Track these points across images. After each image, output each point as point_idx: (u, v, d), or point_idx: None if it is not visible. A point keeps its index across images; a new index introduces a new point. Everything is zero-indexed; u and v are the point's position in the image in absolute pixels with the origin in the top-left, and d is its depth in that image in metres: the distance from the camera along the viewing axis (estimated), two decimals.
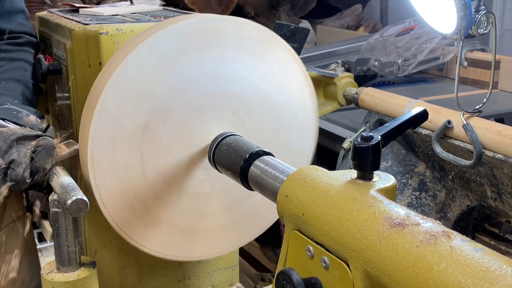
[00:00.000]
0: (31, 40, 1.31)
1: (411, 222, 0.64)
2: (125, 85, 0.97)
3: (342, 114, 1.97)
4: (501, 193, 1.32)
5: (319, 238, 0.72)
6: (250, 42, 1.07)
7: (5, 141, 0.95)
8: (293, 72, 1.14)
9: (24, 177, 0.95)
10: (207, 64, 1.04)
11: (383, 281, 0.62)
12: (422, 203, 1.51)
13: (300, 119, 1.17)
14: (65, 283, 0.97)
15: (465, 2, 1.11)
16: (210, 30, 1.03)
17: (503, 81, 2.22)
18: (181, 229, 1.11)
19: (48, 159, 0.97)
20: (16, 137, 0.96)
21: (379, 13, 3.73)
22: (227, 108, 1.07)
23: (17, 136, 0.97)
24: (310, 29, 2.04)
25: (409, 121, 0.81)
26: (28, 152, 0.96)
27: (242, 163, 0.94)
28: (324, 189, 0.75)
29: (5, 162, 0.94)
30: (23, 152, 0.96)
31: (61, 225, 0.97)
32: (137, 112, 0.99)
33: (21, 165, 0.94)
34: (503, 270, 0.53)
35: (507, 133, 1.15)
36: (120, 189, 1.02)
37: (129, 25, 1.12)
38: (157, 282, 1.29)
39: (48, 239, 2.65)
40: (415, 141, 1.50)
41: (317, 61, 2.34)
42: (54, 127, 1.37)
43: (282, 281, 0.72)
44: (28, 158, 0.95)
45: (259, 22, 3.69)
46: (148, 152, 1.02)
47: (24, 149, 0.96)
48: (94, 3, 2.73)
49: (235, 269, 1.40)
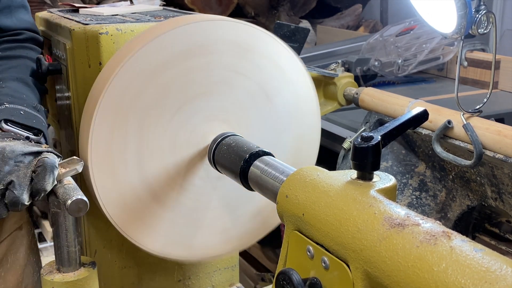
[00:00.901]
0: (32, 36, 1.27)
1: (411, 222, 0.64)
2: (126, 85, 0.97)
3: (342, 114, 1.97)
4: (501, 193, 1.32)
5: (319, 238, 0.72)
6: (249, 42, 1.07)
7: (3, 159, 0.89)
8: (295, 72, 1.14)
9: (23, 200, 0.89)
10: (207, 63, 1.04)
11: (383, 281, 0.62)
12: (422, 203, 1.51)
13: (303, 120, 1.17)
14: (65, 283, 0.97)
15: (465, 2, 1.11)
16: (210, 31, 1.03)
17: (503, 81, 2.22)
18: (181, 228, 1.11)
19: (49, 179, 0.90)
20: (15, 154, 0.90)
21: (379, 13, 3.73)
22: (227, 108, 1.07)
23: (16, 154, 0.91)
24: (310, 29, 2.04)
25: (409, 121, 0.81)
26: (28, 172, 0.90)
27: (242, 163, 0.94)
28: (324, 189, 0.75)
29: (3, 183, 0.88)
30: (22, 173, 0.90)
31: (61, 225, 0.97)
32: (137, 112, 0.99)
33: (20, 187, 0.89)
34: (503, 270, 0.53)
35: (507, 133, 1.15)
36: (120, 189, 1.02)
37: (129, 25, 1.12)
38: (157, 282, 1.29)
39: (48, 239, 2.65)
40: (415, 141, 1.50)
41: (317, 61, 2.34)
42: (54, 127, 1.36)
43: (282, 281, 0.72)
44: (28, 179, 0.90)
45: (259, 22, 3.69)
46: (148, 151, 1.02)
47: (24, 169, 0.90)
48: (94, 3, 2.73)
49: (235, 269, 1.40)
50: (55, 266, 1.01)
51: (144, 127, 1.01)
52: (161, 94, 1.01)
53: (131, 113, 0.99)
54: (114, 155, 0.99)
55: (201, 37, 1.02)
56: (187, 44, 1.01)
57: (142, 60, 0.98)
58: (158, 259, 1.12)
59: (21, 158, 0.91)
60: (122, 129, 0.99)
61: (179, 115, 1.03)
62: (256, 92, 1.10)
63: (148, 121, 1.00)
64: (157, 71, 0.99)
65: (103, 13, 1.26)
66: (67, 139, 1.24)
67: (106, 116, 0.97)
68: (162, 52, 0.99)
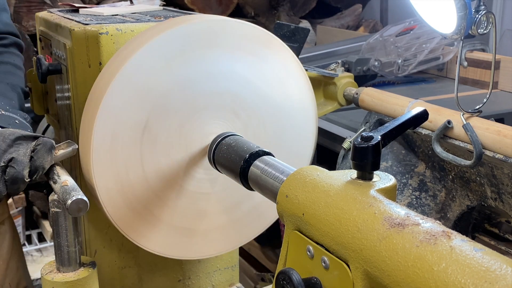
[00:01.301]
0: (16, 41, 1.28)
1: (411, 222, 0.64)
2: (126, 85, 0.97)
3: (342, 114, 1.97)
4: (501, 193, 1.32)
5: (319, 238, 0.72)
6: (249, 42, 1.07)
7: (4, 140, 0.95)
8: (292, 71, 1.14)
9: (22, 176, 0.94)
10: (207, 64, 1.04)
11: (383, 281, 0.62)
12: (422, 203, 1.51)
13: (299, 119, 1.17)
14: (65, 283, 0.97)
15: (465, 2, 1.11)
16: (210, 31, 1.03)
17: (503, 81, 2.23)
18: (181, 228, 1.11)
19: (47, 157, 0.96)
20: (15, 136, 0.96)
21: (379, 13, 3.73)
22: (227, 108, 1.07)
23: (16, 136, 0.96)
24: (310, 29, 2.04)
25: (409, 121, 0.81)
26: (27, 151, 0.95)
27: (242, 163, 0.94)
28: (324, 189, 0.75)
29: (4, 160, 0.93)
30: (22, 151, 0.95)
31: (61, 225, 0.97)
32: (138, 111, 0.99)
33: (20, 163, 0.93)
34: (503, 270, 0.53)
35: (507, 133, 1.15)
36: (120, 188, 1.02)
37: (129, 25, 1.12)
38: (157, 282, 1.29)
39: (48, 239, 2.65)
40: (415, 141, 1.50)
41: (317, 61, 2.35)
42: (54, 127, 1.37)
43: (282, 281, 0.72)
44: (28, 157, 0.95)
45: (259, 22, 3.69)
46: (148, 151, 1.02)
47: (23, 148, 0.95)
48: (94, 3, 2.73)
49: (235, 269, 1.40)
50: (55, 266, 1.01)
51: (146, 127, 1.01)
52: (161, 94, 1.01)
53: (132, 113, 0.99)
54: (114, 154, 0.99)
55: (201, 37, 1.02)
56: (188, 44, 1.01)
57: (143, 61, 0.98)
58: (158, 259, 1.12)
59: (21, 139, 0.96)
60: (123, 129, 0.99)
61: (180, 115, 1.03)
62: (256, 92, 1.09)
63: (148, 121, 1.00)
64: (157, 71, 0.99)
65: (103, 13, 1.26)
66: (67, 139, 1.24)
67: (107, 115, 0.97)
68: (164, 50, 0.99)
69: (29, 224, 2.74)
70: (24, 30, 2.60)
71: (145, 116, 1.00)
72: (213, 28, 1.03)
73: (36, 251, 2.66)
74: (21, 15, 2.61)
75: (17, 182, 0.94)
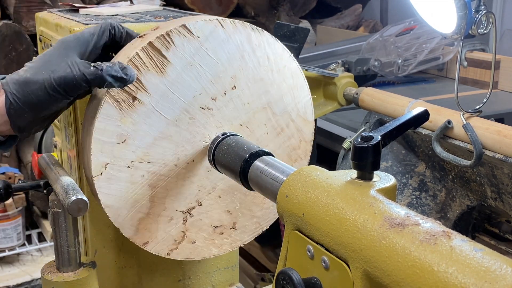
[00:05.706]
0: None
1: (411, 222, 0.64)
2: None
3: (342, 114, 1.97)
4: (501, 193, 1.32)
5: (319, 238, 0.72)
6: (248, 42, 1.07)
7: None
8: (288, 69, 1.14)
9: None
10: (206, 65, 1.04)
11: (383, 281, 0.62)
12: (422, 203, 1.51)
13: (296, 117, 1.17)
14: (65, 283, 0.98)
15: (465, 2, 1.11)
16: (209, 31, 1.03)
17: (503, 81, 2.23)
18: (181, 227, 1.11)
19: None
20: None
21: (379, 13, 3.74)
22: (227, 108, 1.07)
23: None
24: (310, 29, 2.04)
25: (410, 121, 0.81)
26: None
27: (242, 163, 0.94)
28: (324, 189, 0.75)
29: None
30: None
31: (61, 225, 0.97)
32: (140, 112, 0.99)
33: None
34: (503, 270, 0.53)
35: (507, 133, 1.15)
36: (121, 188, 1.02)
37: (129, 25, 1.12)
38: (157, 282, 1.29)
39: (48, 239, 2.65)
40: (415, 141, 1.50)
41: (317, 61, 2.35)
42: (54, 127, 1.37)
43: (282, 281, 0.72)
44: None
45: (259, 22, 3.68)
46: (150, 151, 1.02)
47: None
48: (94, 3, 2.73)
49: (235, 269, 1.40)
50: (55, 266, 1.01)
51: (147, 127, 1.01)
52: (161, 94, 1.00)
53: (134, 114, 0.99)
54: (115, 154, 0.99)
55: (201, 37, 1.02)
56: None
57: (143, 61, 0.98)
58: (158, 259, 1.12)
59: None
60: (124, 130, 0.99)
61: (179, 115, 1.03)
62: (255, 92, 1.10)
63: (150, 122, 1.00)
64: (158, 71, 0.99)
65: (103, 13, 1.26)
66: (67, 139, 1.24)
67: (108, 115, 0.97)
68: (165, 51, 0.99)
69: (29, 224, 2.74)
70: (24, 30, 2.60)
71: (147, 116, 1.00)
72: (211, 29, 1.03)
73: (36, 251, 2.66)
74: (21, 15, 2.61)
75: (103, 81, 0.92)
